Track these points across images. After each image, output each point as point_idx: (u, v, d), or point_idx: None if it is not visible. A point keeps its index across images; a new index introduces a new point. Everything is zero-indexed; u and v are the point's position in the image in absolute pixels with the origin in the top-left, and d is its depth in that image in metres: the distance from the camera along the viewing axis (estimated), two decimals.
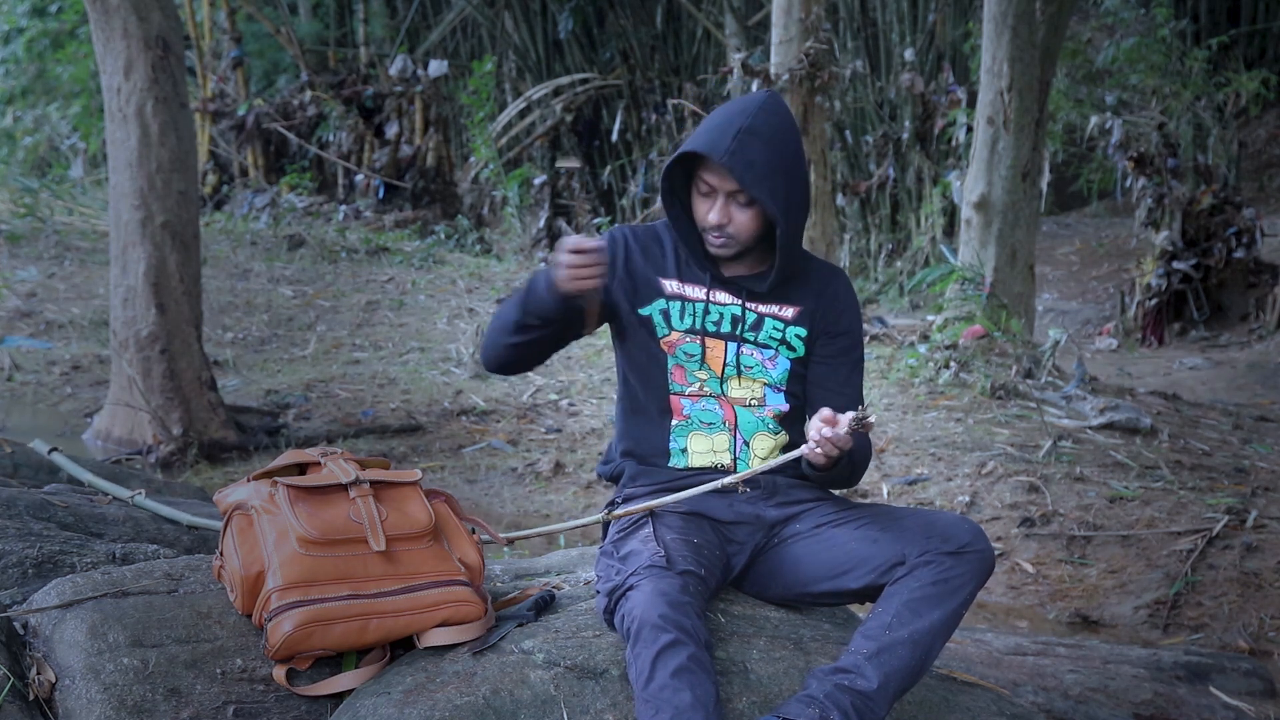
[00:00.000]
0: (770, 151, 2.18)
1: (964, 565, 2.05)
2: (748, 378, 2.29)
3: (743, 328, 2.29)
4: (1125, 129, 10.11)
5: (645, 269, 2.33)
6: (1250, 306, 9.69)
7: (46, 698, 1.97)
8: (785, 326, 2.30)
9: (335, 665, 2.07)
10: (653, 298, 2.31)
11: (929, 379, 6.62)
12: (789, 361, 2.30)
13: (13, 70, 18.26)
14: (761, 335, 2.29)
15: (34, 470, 3.27)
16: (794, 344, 2.31)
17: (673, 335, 2.29)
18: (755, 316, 2.30)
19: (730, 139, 2.17)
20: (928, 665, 2.03)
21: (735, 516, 2.26)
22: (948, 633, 2.05)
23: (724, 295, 2.30)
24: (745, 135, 2.17)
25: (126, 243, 5.79)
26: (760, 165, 2.17)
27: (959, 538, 2.07)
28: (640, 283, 2.33)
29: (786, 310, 2.31)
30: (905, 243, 11.90)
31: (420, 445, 6.09)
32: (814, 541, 2.22)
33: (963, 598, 2.05)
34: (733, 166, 2.16)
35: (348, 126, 13.24)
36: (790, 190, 2.20)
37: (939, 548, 2.06)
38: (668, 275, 2.32)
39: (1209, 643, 3.93)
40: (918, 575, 2.05)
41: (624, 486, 2.35)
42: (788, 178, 2.19)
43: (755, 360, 2.29)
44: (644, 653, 1.88)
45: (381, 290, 9.80)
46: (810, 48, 8.15)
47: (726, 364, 2.28)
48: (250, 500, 2.15)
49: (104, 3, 5.64)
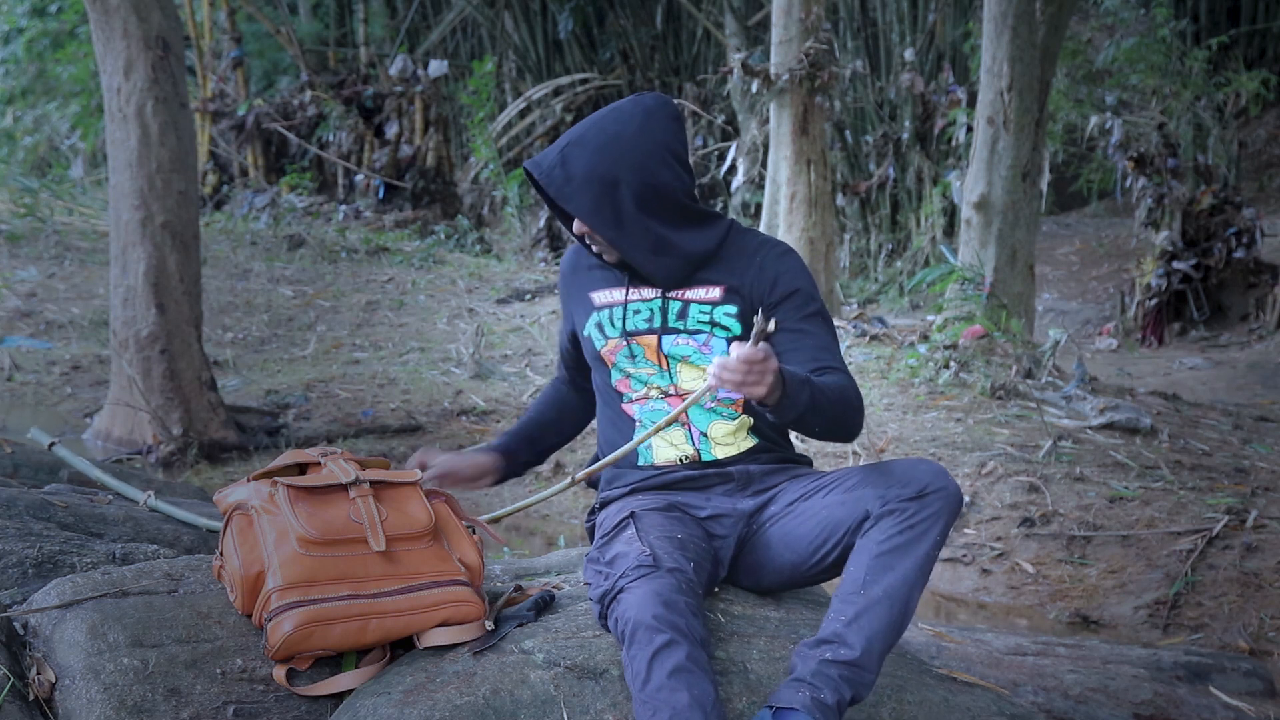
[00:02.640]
0: (592, 160, 2.17)
1: (928, 507, 2.01)
2: (694, 365, 2.27)
3: (669, 318, 2.27)
4: (1125, 129, 10.12)
5: (578, 287, 2.39)
6: (1250, 306, 9.69)
7: (46, 698, 1.97)
8: (712, 308, 2.27)
9: (335, 665, 2.07)
10: (588, 314, 2.35)
11: (929, 379, 6.63)
12: (725, 341, 2.26)
13: (13, 70, 18.26)
14: (689, 322, 2.27)
15: (34, 470, 3.28)
16: (726, 323, 2.26)
17: (609, 344, 2.31)
18: (680, 304, 2.28)
19: (557, 154, 2.21)
20: (909, 616, 2.01)
21: (713, 510, 2.25)
22: (923, 579, 2.02)
23: (646, 290, 2.29)
24: (570, 149, 2.19)
25: (126, 243, 5.79)
26: (578, 178, 2.18)
27: (918, 479, 2.03)
28: (577, 304, 2.38)
29: (712, 291, 2.27)
30: (905, 243, 11.90)
31: (420, 445, 6.09)
32: (790, 519, 2.20)
33: (931, 540, 2.01)
34: (549, 184, 2.20)
35: (348, 126, 13.24)
36: (619, 194, 2.18)
37: (899, 494, 2.02)
38: (594, 287, 2.35)
39: (1209, 643, 3.93)
40: (882, 526, 2.02)
41: (602, 490, 2.38)
42: (612, 184, 2.17)
43: (690, 348, 2.26)
44: (639, 654, 1.87)
45: (381, 290, 9.80)
46: (810, 48, 8.16)
47: (660, 355, 2.27)
48: (250, 500, 2.15)
49: (104, 3, 5.64)
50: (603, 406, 2.40)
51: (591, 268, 2.37)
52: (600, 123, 2.22)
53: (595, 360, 2.36)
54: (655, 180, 2.20)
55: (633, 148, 2.19)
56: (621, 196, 2.19)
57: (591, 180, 2.18)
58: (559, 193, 2.20)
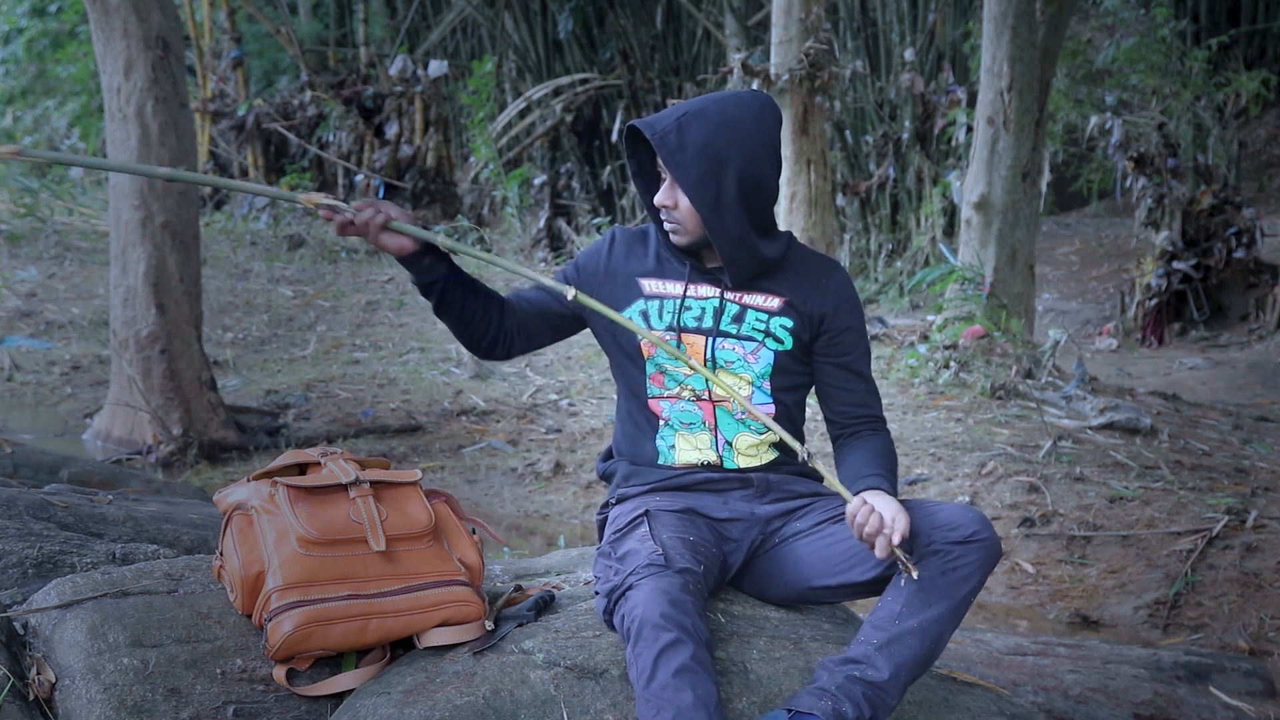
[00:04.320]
0: (711, 134, 2.13)
1: (972, 554, 2.03)
2: (735, 374, 2.24)
3: (723, 320, 2.24)
4: (1125, 129, 10.11)
5: (626, 270, 2.30)
6: (1250, 306, 9.69)
7: (46, 698, 1.97)
8: (770, 318, 2.24)
9: (335, 665, 2.07)
10: (632, 299, 2.28)
11: (929, 379, 6.63)
12: (773, 354, 2.24)
13: (13, 70, 18.26)
14: (744, 327, 2.24)
15: (34, 470, 3.28)
16: (780, 335, 2.25)
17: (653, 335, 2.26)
18: (738, 308, 2.25)
19: (673, 119, 2.15)
20: (937, 654, 2.03)
21: (730, 514, 2.24)
22: (956, 621, 2.04)
23: (705, 288, 2.26)
24: (689, 118, 2.14)
25: (126, 243, 5.80)
26: (691, 147, 2.13)
27: (966, 526, 2.05)
28: (621, 285, 2.29)
29: (771, 301, 2.25)
30: (905, 243, 11.90)
31: (420, 445, 6.09)
32: (817, 538, 2.20)
33: (971, 586, 2.03)
34: (662, 145, 2.14)
35: (348, 126, 13.24)
36: (726, 175, 2.14)
37: (945, 536, 2.04)
38: (647, 274, 2.29)
39: (1209, 643, 3.93)
40: (926, 564, 2.03)
41: (618, 486, 2.34)
42: (723, 164, 2.14)
43: (736, 354, 2.24)
44: (645, 652, 1.87)
45: (381, 290, 9.80)
46: (810, 48, 8.16)
47: (706, 360, 2.23)
48: (250, 500, 2.15)
49: (104, 3, 5.64)
50: (624, 400, 2.34)
51: (648, 253, 2.31)
52: (720, 103, 2.17)
53: (628, 346, 2.29)
54: (760, 173, 2.18)
55: (750, 135, 2.16)
56: (727, 178, 2.15)
57: (704, 153, 2.13)
58: (669, 157, 2.13)
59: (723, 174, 2.14)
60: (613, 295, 2.28)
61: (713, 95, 2.21)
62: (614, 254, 2.33)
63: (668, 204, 2.20)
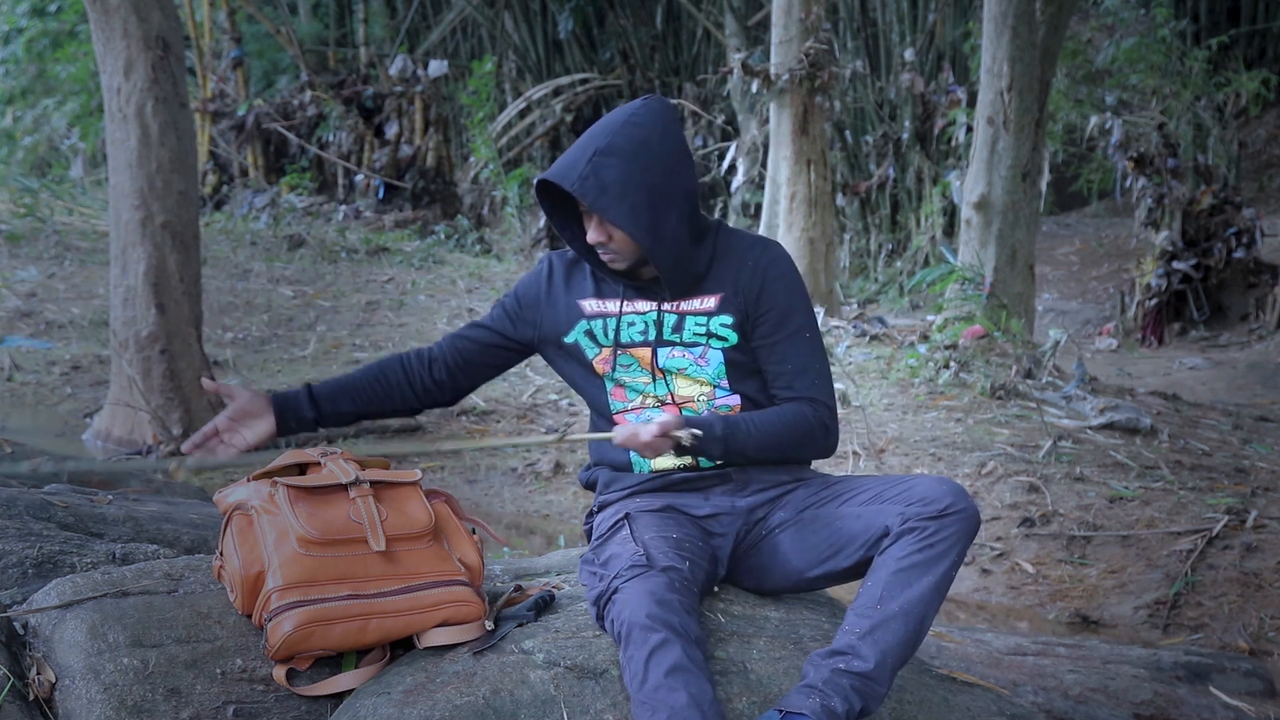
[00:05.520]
0: (628, 167, 2.14)
1: (949, 527, 2.02)
2: (690, 377, 2.25)
3: (665, 331, 2.25)
4: (1125, 129, 10.12)
5: (566, 295, 2.32)
6: (1250, 306, 9.70)
7: (46, 698, 1.97)
8: (708, 319, 2.24)
9: (335, 665, 2.07)
10: (575, 321, 2.30)
11: (929, 379, 6.63)
12: (721, 353, 2.24)
13: (13, 70, 18.27)
14: (685, 335, 2.25)
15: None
16: (723, 334, 2.24)
17: (601, 353, 2.28)
18: (675, 317, 2.25)
19: (584, 163, 2.15)
20: (923, 633, 2.02)
21: (712, 509, 2.25)
22: (940, 597, 2.02)
23: (641, 302, 2.27)
24: (600, 157, 2.14)
25: (126, 243, 5.79)
26: (615, 187, 2.13)
27: (940, 499, 2.03)
28: (562, 310, 2.32)
29: (708, 301, 2.25)
30: (905, 243, 11.91)
31: (420, 445, 6.08)
32: (799, 527, 2.20)
33: (951, 560, 2.02)
34: (584, 194, 2.14)
35: (348, 126, 13.24)
36: (655, 201, 2.15)
37: (920, 512, 2.02)
38: (586, 295, 2.31)
39: (1209, 643, 3.93)
40: (902, 543, 2.02)
41: (600, 493, 2.36)
42: (649, 191, 2.14)
43: (686, 360, 2.25)
44: (636, 654, 1.87)
45: (381, 290, 9.80)
46: (810, 48, 8.16)
47: (655, 369, 2.25)
48: (250, 500, 2.15)
49: (104, 3, 5.64)
50: (594, 420, 2.37)
51: (585, 274, 2.33)
52: (623, 129, 2.17)
53: (584, 372, 2.32)
54: (683, 181, 2.19)
55: (661, 150, 2.17)
56: (658, 201, 2.16)
57: (628, 187, 2.14)
58: (596, 202, 2.14)
59: (654, 199, 2.16)
60: (555, 320, 2.32)
61: (608, 123, 2.20)
62: (554, 280, 2.35)
63: (602, 239, 2.20)
